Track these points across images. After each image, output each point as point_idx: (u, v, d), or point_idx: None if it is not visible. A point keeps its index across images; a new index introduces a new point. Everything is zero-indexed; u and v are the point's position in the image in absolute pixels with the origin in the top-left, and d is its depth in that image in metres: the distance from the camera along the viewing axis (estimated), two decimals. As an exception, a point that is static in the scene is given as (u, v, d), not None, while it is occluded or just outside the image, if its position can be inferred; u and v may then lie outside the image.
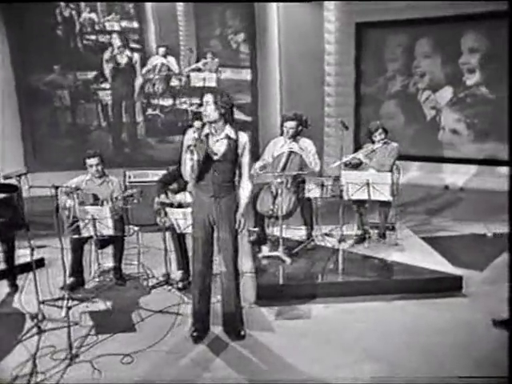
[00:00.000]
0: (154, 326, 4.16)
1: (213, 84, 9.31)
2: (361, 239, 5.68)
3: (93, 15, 8.92)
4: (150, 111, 9.36)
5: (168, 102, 9.36)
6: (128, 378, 3.44)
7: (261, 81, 9.21)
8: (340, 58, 9.56)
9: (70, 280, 4.82)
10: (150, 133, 9.42)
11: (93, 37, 8.99)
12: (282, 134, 5.59)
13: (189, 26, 9.24)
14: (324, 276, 4.75)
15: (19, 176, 3.92)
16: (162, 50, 9.20)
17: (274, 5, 8.95)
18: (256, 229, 5.66)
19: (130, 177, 6.81)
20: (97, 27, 8.95)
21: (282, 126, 5.54)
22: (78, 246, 4.89)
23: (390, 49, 9.31)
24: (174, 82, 9.34)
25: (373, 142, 5.83)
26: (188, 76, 9.32)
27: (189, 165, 3.55)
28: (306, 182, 5.32)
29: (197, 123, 3.58)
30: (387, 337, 3.90)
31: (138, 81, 9.19)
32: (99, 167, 5.03)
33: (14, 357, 3.74)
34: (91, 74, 9.01)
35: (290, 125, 5.40)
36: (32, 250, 4.03)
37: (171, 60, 9.24)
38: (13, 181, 3.98)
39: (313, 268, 4.94)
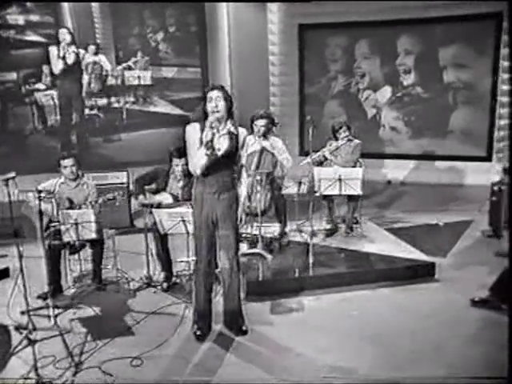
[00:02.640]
0: (151, 327, 4.12)
1: (148, 82, 9.27)
2: (331, 233, 5.92)
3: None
4: (87, 111, 9.09)
5: (103, 101, 9.15)
6: (142, 381, 3.41)
7: (212, 79, 9.25)
8: (284, 58, 9.81)
9: (48, 288, 4.64)
10: (91, 133, 9.10)
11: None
12: (252, 133, 5.68)
13: (105, 23, 9.08)
14: (308, 269, 4.90)
15: (7, 180, 3.73)
16: (92, 47, 8.88)
17: (223, 4, 9.01)
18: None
19: (87, 180, 6.59)
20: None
21: (251, 124, 5.63)
22: (57, 252, 4.70)
23: (332, 50, 9.67)
24: (111, 81, 9.14)
25: (336, 139, 6.08)
26: (122, 74, 9.17)
27: (205, 160, 3.56)
28: (281, 179, 5.46)
29: (211, 118, 3.58)
30: (381, 322, 4.12)
31: (86, 78, 8.88)
32: (74, 168, 4.85)
33: (10, 370, 3.57)
34: (10, 75, 8.54)
35: (261, 123, 5.50)
36: (21, 257, 3.85)
37: (102, 58, 8.99)
38: (-1, 185, 3.79)
39: (294, 262, 5.08)
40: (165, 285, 4.85)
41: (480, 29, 8.76)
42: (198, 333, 3.90)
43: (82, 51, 8.65)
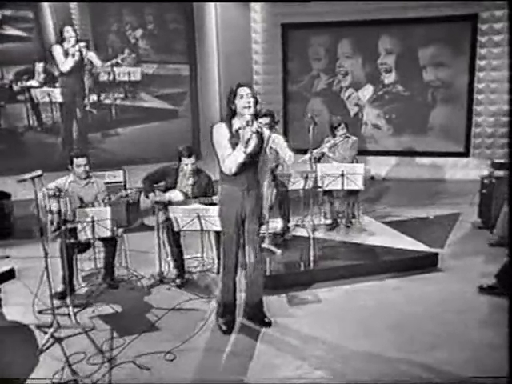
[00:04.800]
0: (173, 323, 4.17)
1: (138, 78, 9.36)
2: (332, 227, 6.08)
3: None
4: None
5: (94, 97, 9.16)
6: (177, 374, 3.48)
7: (200, 75, 9.34)
8: (267, 57, 9.96)
9: (61, 287, 4.63)
10: (89, 129, 9.19)
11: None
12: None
13: (84, 19, 9.02)
14: (315, 263, 5.04)
15: (33, 178, 3.71)
16: (81, 44, 8.85)
17: (211, 3, 9.09)
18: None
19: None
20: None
21: (254, 122, 5.71)
22: (71, 251, 4.68)
23: (315, 49, 9.88)
24: (103, 77, 9.11)
25: (334, 137, 6.25)
26: (113, 71, 9.16)
27: (242, 158, 3.64)
28: (286, 175, 5.58)
29: (248, 116, 3.65)
30: (395, 311, 4.30)
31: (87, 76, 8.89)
32: (87, 167, 4.85)
33: (41, 368, 3.58)
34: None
35: (265, 121, 5.56)
36: (46, 254, 3.85)
37: (92, 55, 8.98)
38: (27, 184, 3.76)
39: (301, 256, 5.21)
40: (178, 281, 4.90)
41: (457, 30, 9.13)
42: (224, 327, 3.98)
43: (84, 49, 8.62)
